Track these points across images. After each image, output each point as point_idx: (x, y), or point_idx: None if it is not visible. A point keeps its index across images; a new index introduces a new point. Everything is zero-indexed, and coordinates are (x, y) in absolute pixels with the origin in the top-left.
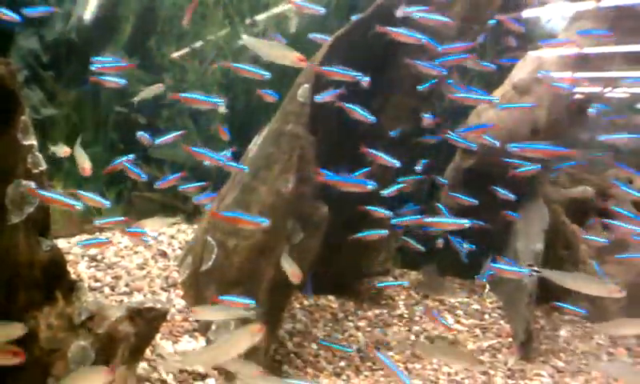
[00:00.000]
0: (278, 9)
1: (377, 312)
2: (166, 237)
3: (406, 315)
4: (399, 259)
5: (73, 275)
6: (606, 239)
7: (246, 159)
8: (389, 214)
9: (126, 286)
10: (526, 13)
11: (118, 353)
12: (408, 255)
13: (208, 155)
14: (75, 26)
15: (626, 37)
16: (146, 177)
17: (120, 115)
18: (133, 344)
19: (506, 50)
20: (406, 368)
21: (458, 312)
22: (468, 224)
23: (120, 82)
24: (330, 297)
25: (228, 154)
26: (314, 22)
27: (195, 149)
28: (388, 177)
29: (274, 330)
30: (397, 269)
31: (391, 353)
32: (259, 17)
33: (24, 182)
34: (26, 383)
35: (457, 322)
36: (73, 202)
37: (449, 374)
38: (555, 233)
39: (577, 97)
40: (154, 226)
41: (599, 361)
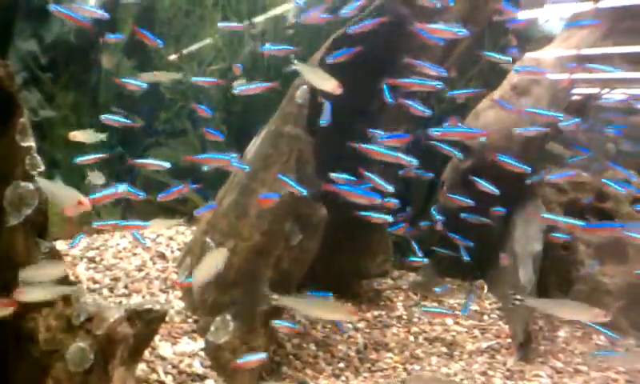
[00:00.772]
0: (276, 10)
1: (375, 313)
2: (165, 238)
3: (404, 316)
4: (398, 260)
5: (71, 277)
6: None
7: (245, 161)
8: (388, 219)
9: (125, 287)
10: (524, 14)
11: (116, 354)
12: (406, 256)
13: (214, 158)
14: (74, 27)
15: (624, 37)
16: (144, 195)
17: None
18: (132, 345)
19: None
20: (405, 369)
21: (457, 313)
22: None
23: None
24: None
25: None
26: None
27: (198, 156)
28: (387, 176)
29: (272, 331)
30: (395, 270)
31: (390, 354)
32: (257, 19)
33: (22, 183)
34: None
35: (456, 322)
36: None
37: (447, 375)
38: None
39: (575, 98)
40: (155, 227)
41: (598, 362)
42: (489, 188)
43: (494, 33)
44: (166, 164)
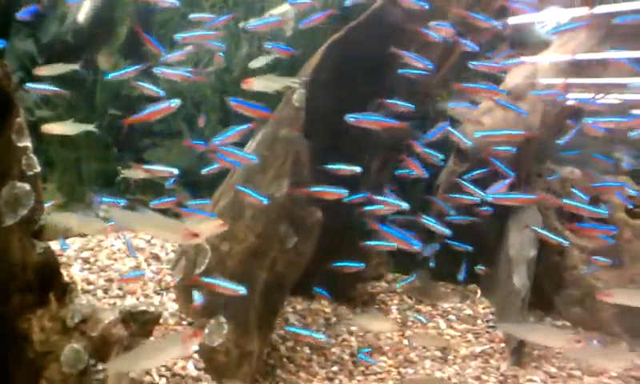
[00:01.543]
0: (273, 13)
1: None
2: (159, 240)
3: (399, 320)
4: (392, 264)
5: (66, 278)
6: None
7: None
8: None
9: (119, 289)
10: (520, 18)
11: (111, 356)
12: (401, 260)
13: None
14: (71, 28)
15: (620, 43)
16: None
17: (114, 118)
18: (126, 347)
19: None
20: (399, 373)
21: (450, 317)
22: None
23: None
24: (323, 301)
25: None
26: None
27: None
28: (384, 178)
29: (266, 334)
30: (390, 273)
31: (384, 357)
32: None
33: (18, 184)
34: None
35: (449, 327)
36: None
37: (441, 379)
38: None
39: (570, 103)
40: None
41: (591, 367)
42: (470, 187)
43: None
44: (175, 170)
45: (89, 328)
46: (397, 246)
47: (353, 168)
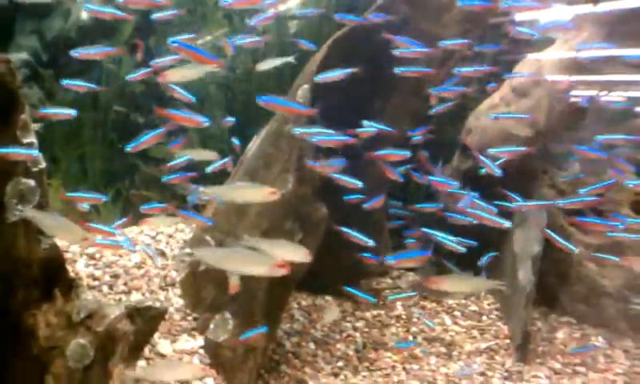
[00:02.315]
0: (276, 9)
1: (374, 313)
2: (164, 236)
3: (403, 316)
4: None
5: (71, 273)
6: None
7: (245, 159)
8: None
9: (125, 284)
10: (525, 16)
11: (116, 351)
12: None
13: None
14: (75, 24)
15: (626, 40)
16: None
17: (119, 114)
18: (131, 342)
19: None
20: (404, 369)
21: (455, 313)
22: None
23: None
24: (328, 297)
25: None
26: (313, 23)
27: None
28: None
29: (272, 330)
30: (394, 270)
31: (389, 353)
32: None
33: (23, 180)
34: (24, 380)
35: (454, 323)
36: None
37: (447, 375)
38: None
39: (574, 100)
40: (157, 224)
41: (596, 364)
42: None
43: (494, 35)
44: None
45: (94, 323)
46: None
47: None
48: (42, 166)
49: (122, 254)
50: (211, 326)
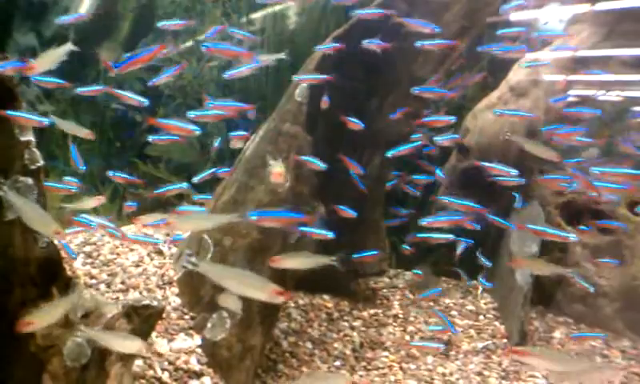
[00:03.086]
0: (275, 7)
1: (372, 312)
2: (162, 234)
3: (400, 315)
4: (394, 259)
5: (69, 272)
6: None
7: (243, 158)
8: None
9: (122, 283)
10: (524, 15)
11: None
12: (402, 255)
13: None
14: (73, 22)
15: (624, 40)
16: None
17: (117, 112)
18: None
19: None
20: (401, 368)
21: (452, 312)
22: None
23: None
24: (325, 296)
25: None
26: (311, 20)
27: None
28: (385, 177)
29: (269, 329)
30: (391, 269)
31: (386, 353)
32: (255, 15)
33: (21, 178)
34: (21, 379)
35: (451, 322)
36: None
37: (443, 375)
38: None
39: (571, 99)
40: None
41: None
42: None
43: (492, 34)
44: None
45: (92, 322)
46: None
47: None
48: (40, 164)
49: (119, 253)
50: (208, 325)
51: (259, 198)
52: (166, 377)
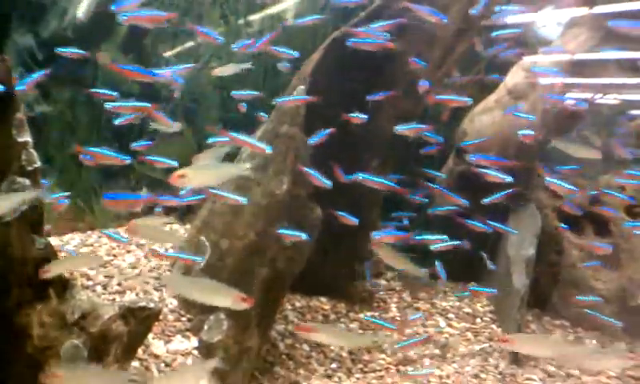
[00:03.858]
0: (274, 9)
1: (369, 314)
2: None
3: (398, 318)
4: None
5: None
6: None
7: (240, 159)
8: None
9: (119, 284)
10: (521, 18)
11: (110, 352)
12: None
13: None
14: (71, 23)
15: (621, 43)
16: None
17: (114, 113)
18: (125, 343)
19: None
20: (398, 371)
21: (449, 315)
22: None
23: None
24: (322, 298)
25: None
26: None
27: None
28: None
29: (265, 331)
30: (389, 272)
31: (382, 355)
32: (253, 17)
33: (18, 179)
34: (17, 381)
35: (448, 325)
36: None
37: (440, 377)
38: (547, 238)
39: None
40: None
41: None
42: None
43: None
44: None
45: (88, 324)
46: None
47: None
48: (37, 164)
49: (116, 255)
50: (205, 327)
51: (256, 200)
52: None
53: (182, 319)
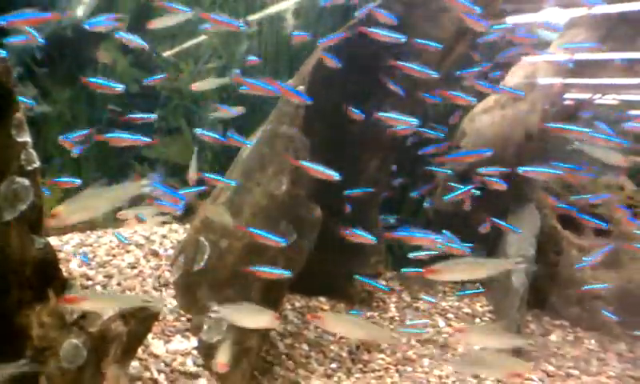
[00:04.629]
0: (273, 9)
1: (368, 314)
2: (158, 236)
3: (397, 318)
4: (390, 261)
5: (65, 273)
6: None
7: (240, 160)
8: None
9: (118, 284)
10: (520, 19)
11: (110, 352)
12: (399, 257)
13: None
14: (70, 23)
15: (620, 44)
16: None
17: (114, 113)
18: (125, 343)
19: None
20: (397, 370)
21: (449, 315)
22: None
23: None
24: (322, 298)
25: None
26: (309, 22)
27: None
28: (383, 179)
29: (265, 331)
30: (388, 271)
31: (382, 355)
32: (253, 17)
33: (18, 179)
34: (17, 381)
35: (448, 324)
36: None
37: (439, 377)
38: (546, 238)
39: (567, 103)
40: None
41: (590, 367)
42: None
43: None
44: None
45: (88, 324)
46: None
47: None
48: (36, 164)
49: (115, 254)
50: (205, 327)
51: (256, 200)
52: (162, 378)
53: (182, 319)
